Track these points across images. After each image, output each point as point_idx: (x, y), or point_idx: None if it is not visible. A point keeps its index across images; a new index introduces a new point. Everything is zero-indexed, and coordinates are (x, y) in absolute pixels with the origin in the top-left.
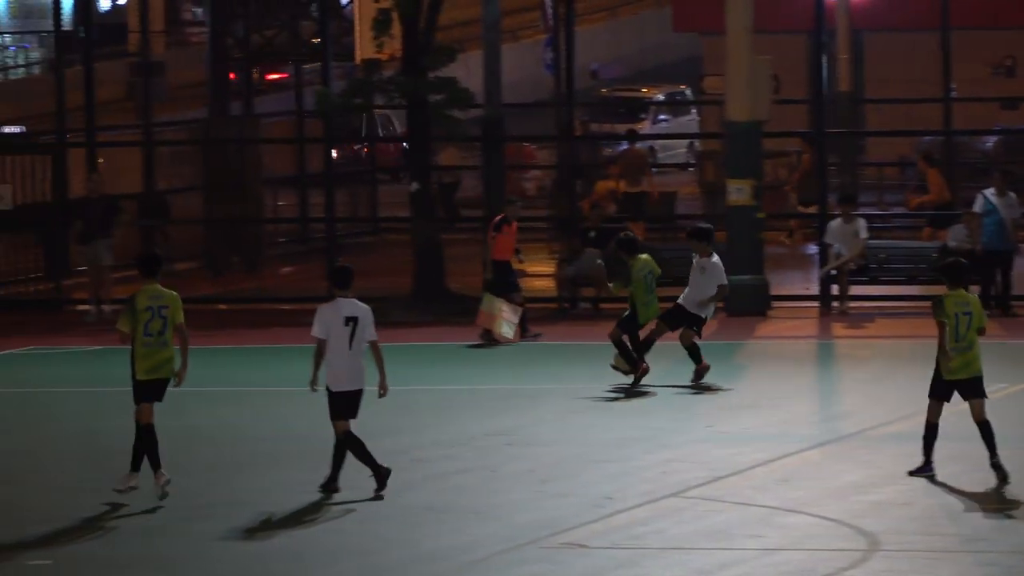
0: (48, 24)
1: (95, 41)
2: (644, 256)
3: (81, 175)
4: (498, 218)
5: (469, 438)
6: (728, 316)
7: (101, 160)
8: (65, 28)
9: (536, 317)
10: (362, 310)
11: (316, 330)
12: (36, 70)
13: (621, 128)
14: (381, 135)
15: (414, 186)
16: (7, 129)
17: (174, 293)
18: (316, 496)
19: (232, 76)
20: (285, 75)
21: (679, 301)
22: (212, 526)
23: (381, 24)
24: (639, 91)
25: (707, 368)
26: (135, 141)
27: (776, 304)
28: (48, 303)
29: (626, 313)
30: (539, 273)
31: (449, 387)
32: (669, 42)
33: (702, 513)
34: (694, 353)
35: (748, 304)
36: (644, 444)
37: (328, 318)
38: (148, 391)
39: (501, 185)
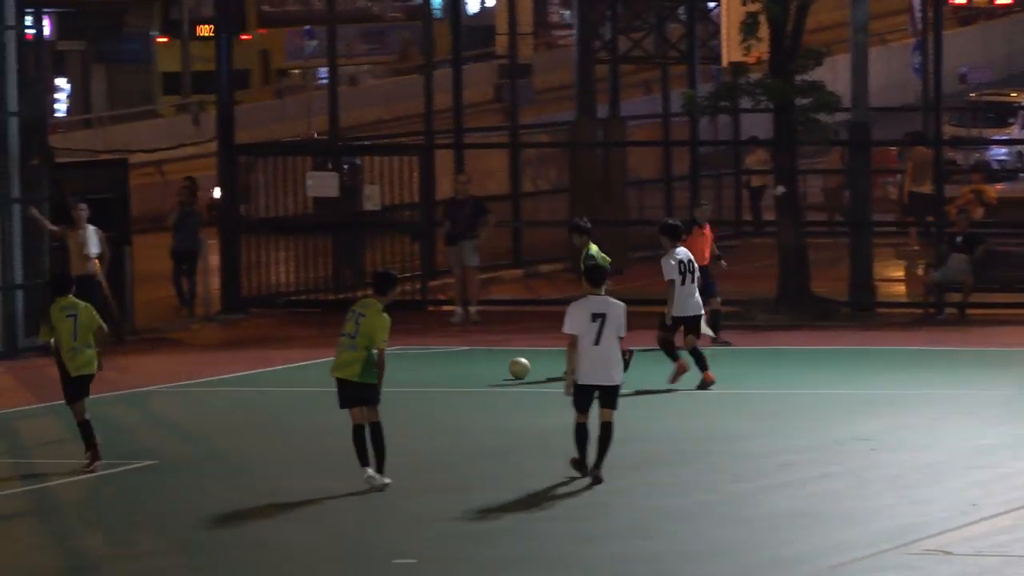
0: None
1: (463, 43)
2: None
3: (448, 176)
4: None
5: (834, 442)
6: None
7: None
8: None
9: (900, 323)
10: (612, 307)
11: (567, 327)
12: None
13: (990, 133)
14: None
15: (779, 190)
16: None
17: (379, 310)
18: (679, 499)
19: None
20: None
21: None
22: (564, 527)
23: (749, 27)
24: (1008, 96)
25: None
26: (501, 143)
27: None
28: (414, 303)
29: None
30: (899, 278)
31: (813, 391)
32: None
33: None
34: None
35: None
36: (1011, 451)
37: (577, 315)
38: (344, 393)
39: (867, 189)
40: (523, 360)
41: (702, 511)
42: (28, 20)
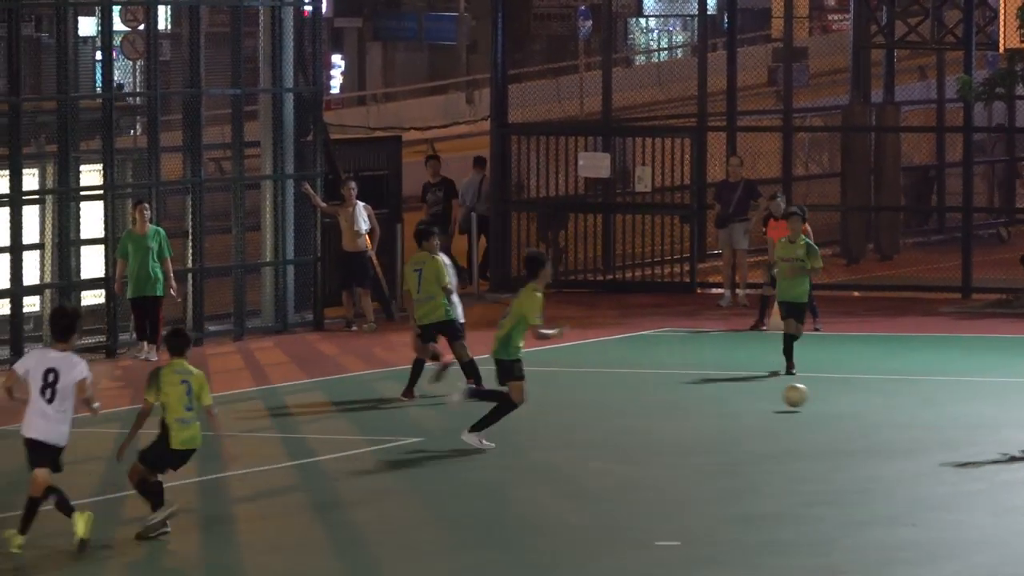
0: (693, 8)
1: (738, 26)
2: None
3: (720, 159)
4: None
5: None
6: None
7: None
8: (710, 12)
9: None
10: None
11: None
12: (679, 53)
13: None
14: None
15: None
16: None
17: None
18: (947, 487)
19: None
20: None
21: None
22: (833, 513)
23: None
24: None
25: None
26: (774, 126)
27: None
28: (683, 285)
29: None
30: None
31: None
32: None
33: None
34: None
35: None
36: None
37: None
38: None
39: None
40: (801, 386)
41: (969, 500)
42: None
